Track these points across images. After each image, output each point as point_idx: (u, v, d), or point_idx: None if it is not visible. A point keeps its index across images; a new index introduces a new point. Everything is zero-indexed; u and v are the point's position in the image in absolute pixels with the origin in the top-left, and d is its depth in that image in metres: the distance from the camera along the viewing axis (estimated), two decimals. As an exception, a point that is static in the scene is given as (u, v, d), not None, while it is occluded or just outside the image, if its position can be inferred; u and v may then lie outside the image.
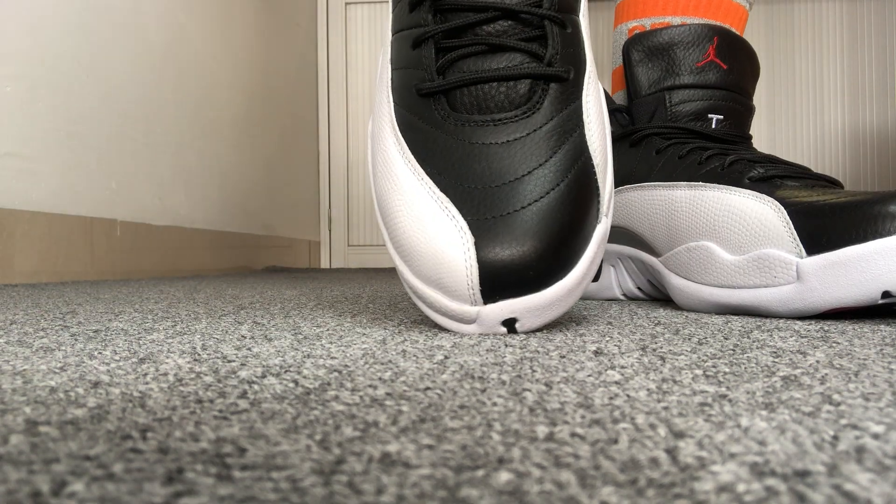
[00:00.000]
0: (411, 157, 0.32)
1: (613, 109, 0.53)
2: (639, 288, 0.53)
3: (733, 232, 0.41)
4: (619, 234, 0.53)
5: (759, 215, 0.40)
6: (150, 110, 1.14)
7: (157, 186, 1.15)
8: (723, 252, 0.42)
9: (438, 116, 0.32)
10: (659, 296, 0.53)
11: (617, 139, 0.52)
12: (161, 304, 0.48)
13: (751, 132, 0.52)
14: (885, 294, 0.35)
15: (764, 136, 1.97)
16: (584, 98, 0.33)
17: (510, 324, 0.29)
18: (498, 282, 0.28)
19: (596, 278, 0.34)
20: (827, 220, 0.37)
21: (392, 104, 0.34)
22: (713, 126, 0.49)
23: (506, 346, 0.26)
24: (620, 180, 0.51)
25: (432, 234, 0.29)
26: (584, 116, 0.33)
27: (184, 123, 1.25)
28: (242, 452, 0.13)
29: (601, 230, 0.31)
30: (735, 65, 0.50)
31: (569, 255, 0.30)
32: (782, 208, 0.39)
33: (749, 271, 0.40)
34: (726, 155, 0.46)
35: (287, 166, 1.80)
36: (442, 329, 0.31)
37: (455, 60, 0.33)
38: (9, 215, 0.82)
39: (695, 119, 0.49)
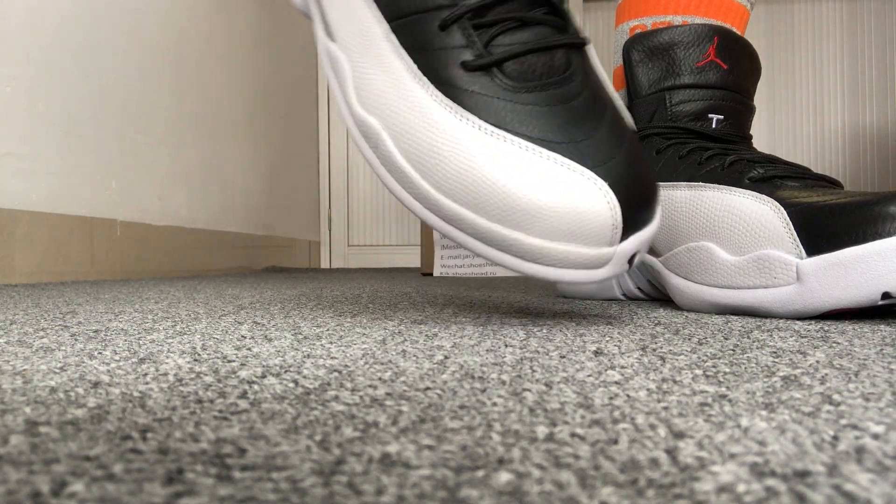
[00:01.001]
0: (494, 128, 0.32)
1: (613, 109, 0.53)
2: (639, 288, 0.53)
3: (733, 232, 0.41)
4: (619, 234, 0.52)
5: (759, 216, 0.40)
6: (150, 110, 1.14)
7: (157, 186, 1.15)
8: (723, 252, 0.42)
9: (501, 86, 0.33)
10: (659, 296, 0.53)
11: (617, 139, 0.52)
12: (161, 304, 0.48)
13: (751, 132, 0.52)
14: (885, 295, 0.35)
15: (764, 136, 1.97)
16: (594, 62, 0.36)
17: (632, 260, 0.32)
18: (635, 218, 0.31)
19: None
20: (827, 220, 0.37)
21: (431, 87, 0.33)
22: (713, 126, 0.49)
23: (506, 346, 0.26)
24: (620, 180, 0.51)
25: (563, 189, 0.30)
26: (603, 81, 0.36)
27: (184, 123, 1.25)
28: (242, 453, 0.13)
29: None
30: (735, 65, 0.50)
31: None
32: (782, 209, 0.39)
33: (749, 272, 0.40)
34: (726, 155, 0.46)
35: (287, 166, 1.80)
36: (442, 329, 0.31)
37: (495, 36, 0.33)
38: (9, 215, 0.82)
39: (695, 119, 0.49)
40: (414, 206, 0.33)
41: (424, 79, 0.33)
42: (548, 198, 0.30)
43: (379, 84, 0.34)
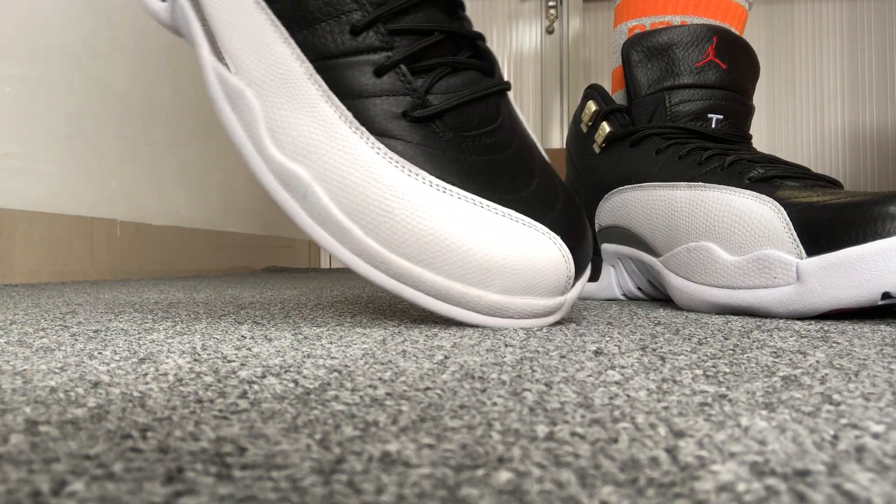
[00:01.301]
0: (445, 185, 0.31)
1: (613, 109, 0.53)
2: (639, 288, 0.53)
3: (733, 232, 0.41)
4: (619, 234, 0.53)
5: (759, 216, 0.40)
6: (150, 110, 1.14)
7: (157, 186, 1.15)
8: (723, 252, 0.42)
9: (444, 138, 0.32)
10: (659, 296, 0.53)
11: (617, 139, 0.52)
12: (161, 304, 0.48)
13: (751, 132, 0.52)
14: (885, 295, 0.35)
15: (764, 136, 1.97)
16: (513, 104, 0.37)
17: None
18: (581, 267, 0.33)
19: (595, 278, 0.35)
20: (827, 220, 0.37)
21: (370, 138, 0.31)
22: (713, 126, 0.49)
23: (506, 346, 0.26)
24: (620, 180, 0.52)
25: (523, 245, 0.31)
26: (524, 123, 0.36)
27: (184, 123, 1.25)
28: (242, 452, 0.13)
29: None
30: (734, 65, 0.50)
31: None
32: (782, 209, 0.39)
33: (749, 272, 0.40)
34: (726, 155, 0.46)
35: (287, 166, 1.79)
36: (442, 329, 0.31)
37: (434, 82, 0.32)
38: (9, 215, 0.82)
39: (695, 119, 0.49)
40: (355, 263, 0.31)
41: (361, 128, 0.31)
42: (508, 256, 0.30)
43: (304, 129, 0.31)
